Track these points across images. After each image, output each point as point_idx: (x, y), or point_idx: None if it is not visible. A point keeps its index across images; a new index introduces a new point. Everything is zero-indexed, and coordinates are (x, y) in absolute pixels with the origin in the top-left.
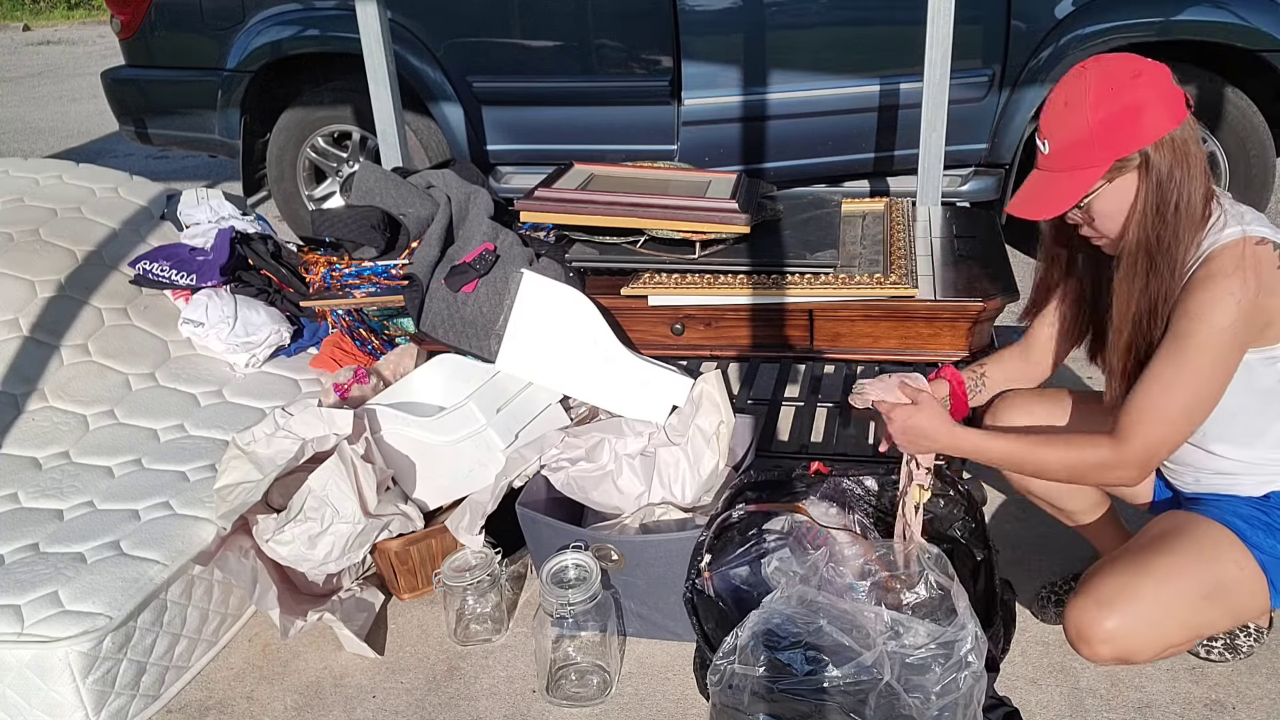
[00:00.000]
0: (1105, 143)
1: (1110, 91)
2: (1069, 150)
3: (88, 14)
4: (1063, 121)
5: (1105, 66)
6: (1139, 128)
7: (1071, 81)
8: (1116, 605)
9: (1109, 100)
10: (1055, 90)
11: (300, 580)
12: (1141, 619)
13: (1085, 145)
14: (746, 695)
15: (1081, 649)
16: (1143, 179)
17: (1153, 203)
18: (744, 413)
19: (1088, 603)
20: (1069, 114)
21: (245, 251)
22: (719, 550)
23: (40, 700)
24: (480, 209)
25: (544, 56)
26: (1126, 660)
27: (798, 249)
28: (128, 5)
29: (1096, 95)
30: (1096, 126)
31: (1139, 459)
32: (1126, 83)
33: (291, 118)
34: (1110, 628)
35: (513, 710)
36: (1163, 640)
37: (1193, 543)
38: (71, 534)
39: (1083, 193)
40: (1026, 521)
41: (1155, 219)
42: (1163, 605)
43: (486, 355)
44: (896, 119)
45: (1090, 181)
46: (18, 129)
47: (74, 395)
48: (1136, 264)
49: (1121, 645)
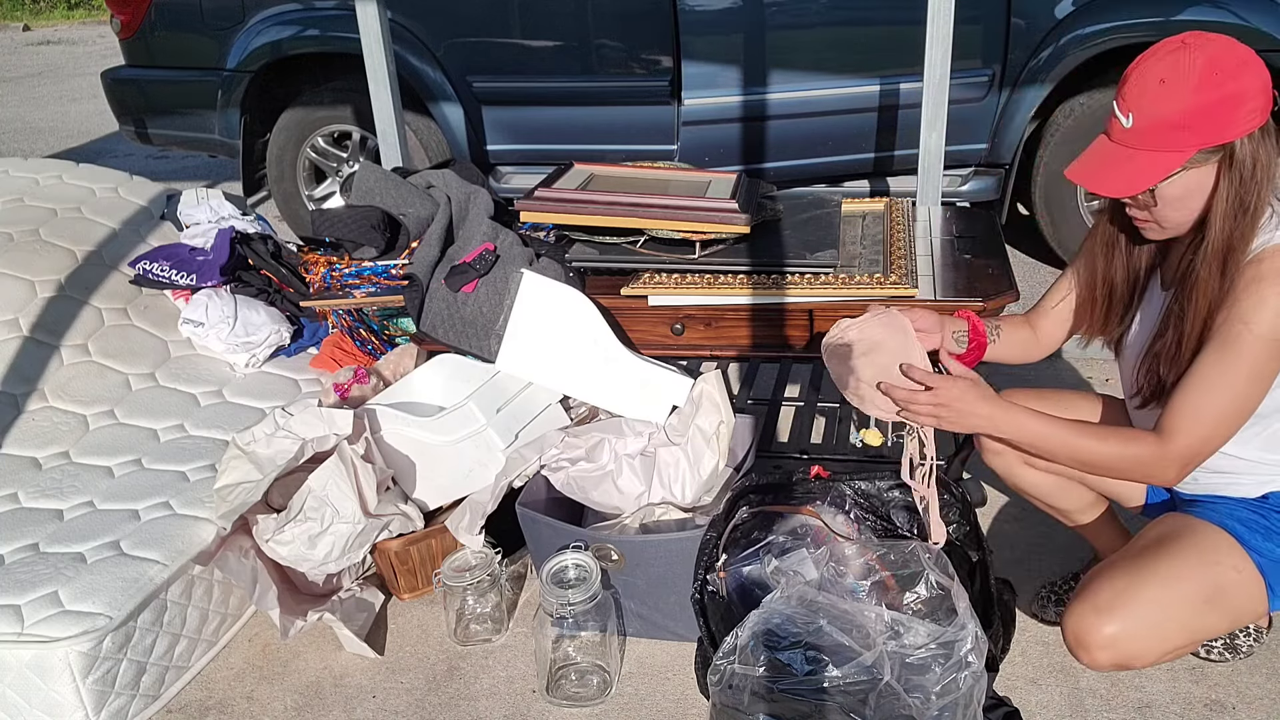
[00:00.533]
0: (1198, 129)
1: (1216, 77)
2: (1155, 130)
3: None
4: (1155, 99)
5: (1212, 49)
6: (1235, 119)
7: (1170, 58)
8: (1115, 611)
9: (1213, 86)
10: (1147, 62)
11: (300, 580)
12: (1141, 624)
13: (1175, 128)
14: (746, 695)
15: (1080, 655)
16: (1224, 172)
17: (1235, 197)
18: (744, 413)
19: (1085, 609)
20: (1164, 92)
21: (245, 251)
22: (732, 549)
23: (40, 700)
24: (480, 209)
25: (544, 56)
26: (1125, 665)
27: (798, 249)
28: (128, 5)
29: (1201, 78)
30: (1193, 111)
31: (1182, 457)
32: (1233, 70)
33: (291, 118)
34: (1109, 633)
35: (513, 710)
36: (1162, 646)
37: (1192, 547)
38: (71, 534)
39: (1162, 176)
40: (1026, 521)
41: (1239, 215)
42: (1162, 610)
43: (486, 355)
44: (896, 119)
45: (1172, 166)
46: (18, 129)
47: (74, 395)
48: (1218, 261)
49: (1121, 651)
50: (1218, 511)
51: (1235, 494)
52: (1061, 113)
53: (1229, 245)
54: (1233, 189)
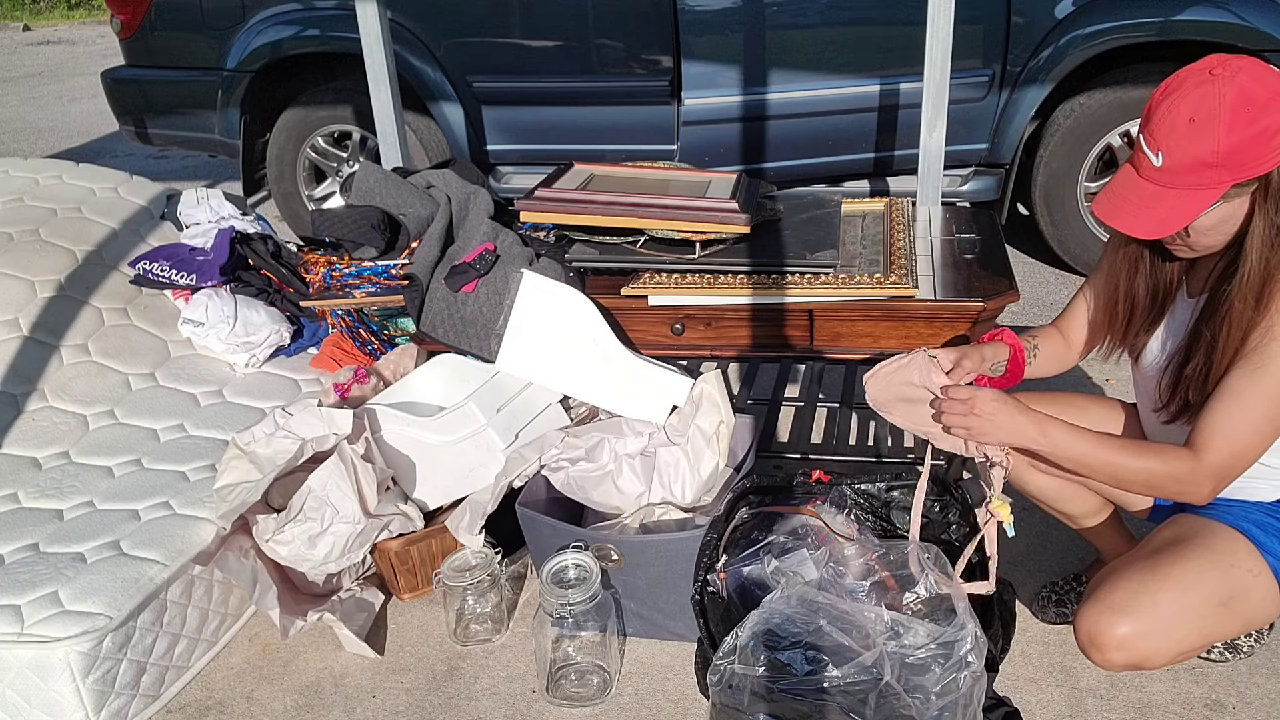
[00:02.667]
0: (1232, 166)
1: (1250, 111)
2: (1188, 169)
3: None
4: (1185, 138)
5: (1241, 80)
6: (1269, 152)
7: (1198, 92)
8: (1131, 611)
9: (1247, 123)
10: (1174, 97)
11: (300, 580)
12: (1156, 625)
13: (1208, 167)
14: (746, 695)
15: (1093, 655)
16: (1259, 202)
17: (1273, 227)
18: (744, 413)
19: (1100, 608)
20: (1195, 132)
21: (245, 251)
22: (732, 550)
23: (40, 700)
24: (480, 209)
25: (544, 56)
26: (1138, 666)
27: (798, 249)
28: (128, 5)
29: (1234, 115)
30: (1227, 150)
31: (1216, 474)
32: (1266, 102)
33: (291, 118)
34: (1123, 634)
35: (513, 710)
36: (1177, 647)
37: (1208, 549)
38: (71, 534)
39: (1196, 214)
40: (1026, 522)
41: (1276, 244)
42: (1178, 612)
43: (486, 355)
44: (896, 119)
45: (1205, 203)
46: (18, 129)
47: (74, 395)
48: (1254, 292)
49: (1134, 652)
50: (1232, 514)
51: (1251, 498)
52: (1061, 113)
53: (1266, 275)
54: (1269, 220)
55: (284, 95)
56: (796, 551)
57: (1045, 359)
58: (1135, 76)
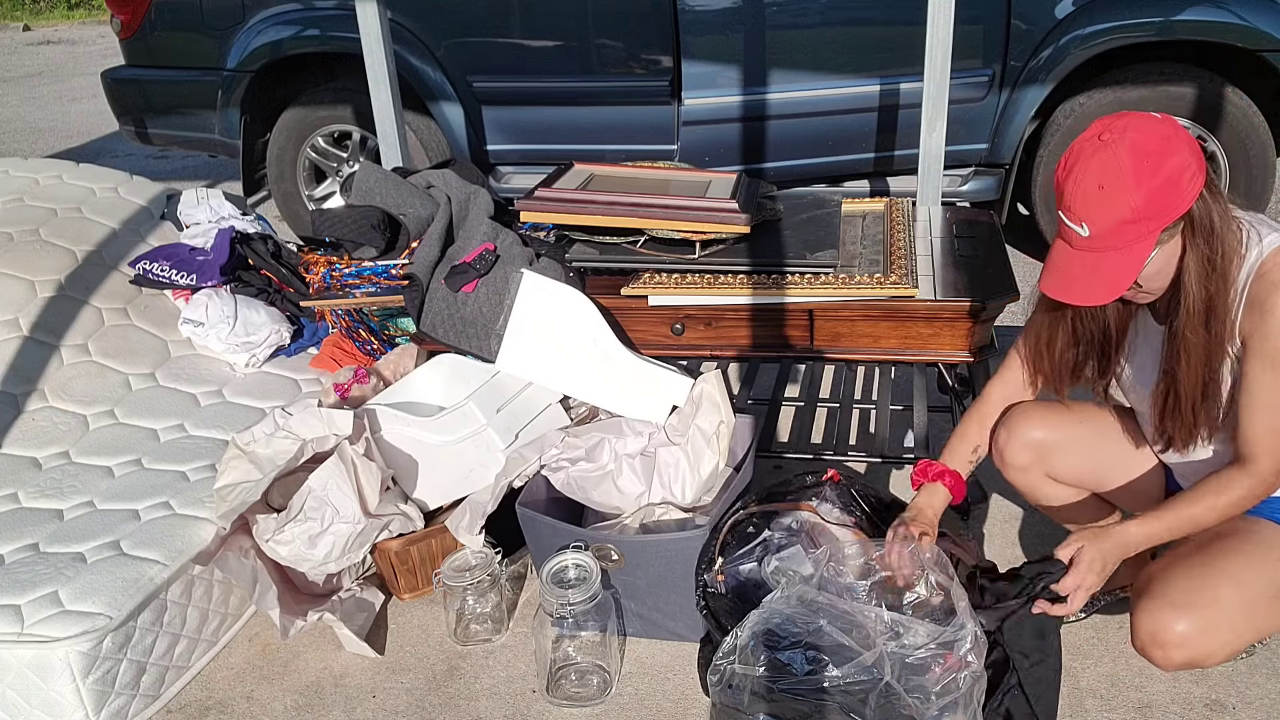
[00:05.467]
0: (1154, 215)
1: (1149, 163)
2: (1115, 230)
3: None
4: (1102, 205)
5: (1132, 137)
6: (1181, 192)
7: (1097, 159)
8: (1193, 608)
9: (1150, 174)
10: (1077, 170)
11: (300, 580)
12: (1217, 621)
13: (1132, 223)
14: (746, 695)
15: (1154, 653)
16: (1189, 238)
17: (1204, 257)
18: (744, 413)
19: (1160, 605)
20: (1108, 197)
21: (245, 251)
22: (729, 549)
23: (40, 700)
24: (480, 209)
25: (544, 56)
26: (1196, 664)
27: (798, 249)
28: (128, 5)
29: (1135, 174)
30: (1143, 204)
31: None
32: (1160, 149)
33: (291, 118)
34: (1184, 631)
35: (513, 710)
36: (1236, 643)
37: (1258, 543)
38: (71, 534)
39: (1139, 268)
40: (1026, 522)
41: (1210, 273)
42: (1239, 608)
43: (486, 355)
44: (896, 119)
45: (1145, 254)
46: (18, 129)
47: (74, 395)
48: (1200, 320)
49: (1196, 649)
50: (1260, 510)
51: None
52: (1061, 113)
53: (1209, 305)
54: (1200, 253)
55: (284, 95)
56: (792, 548)
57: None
58: (1135, 76)
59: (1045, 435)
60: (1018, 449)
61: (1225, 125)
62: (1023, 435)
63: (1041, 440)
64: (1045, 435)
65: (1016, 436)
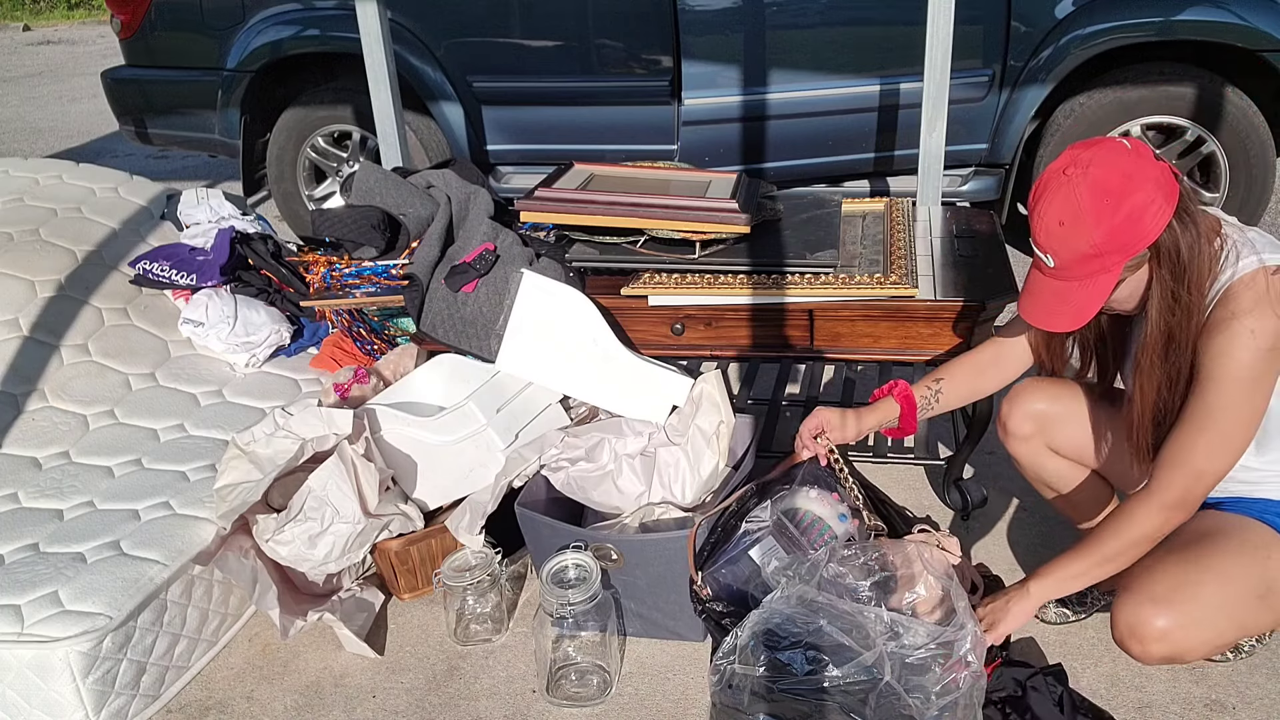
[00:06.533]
0: (1115, 250)
1: (1108, 202)
2: (1078, 263)
3: (88, 14)
4: (1063, 239)
5: (1094, 174)
6: (1144, 229)
7: (1059, 196)
8: (1173, 604)
9: (1110, 212)
10: (1042, 203)
11: (300, 580)
12: (1198, 618)
13: (1094, 257)
14: (746, 695)
15: (1132, 647)
16: (1155, 268)
17: (1168, 289)
18: (744, 413)
19: (1141, 600)
20: (1069, 232)
21: (245, 251)
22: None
23: (40, 700)
24: (480, 209)
25: (544, 56)
26: (1175, 659)
27: (798, 249)
28: (128, 5)
29: (1094, 212)
30: (1103, 240)
31: (1178, 502)
32: (1120, 187)
33: (291, 118)
34: (1164, 626)
35: (513, 710)
36: (1217, 640)
37: (1244, 542)
38: (71, 534)
39: (1104, 298)
40: (1026, 521)
41: (1174, 306)
42: (1219, 604)
43: (486, 355)
44: (896, 119)
45: (1110, 285)
46: (18, 129)
47: (74, 395)
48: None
49: (1175, 644)
50: (1249, 509)
51: (1259, 495)
52: (1061, 113)
53: (1169, 337)
54: (1164, 285)
55: (284, 95)
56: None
57: (958, 396)
58: (1135, 76)
59: (1047, 407)
60: (1021, 418)
61: (1225, 125)
62: (1026, 406)
63: (1044, 411)
64: (1047, 407)
65: (1020, 407)
